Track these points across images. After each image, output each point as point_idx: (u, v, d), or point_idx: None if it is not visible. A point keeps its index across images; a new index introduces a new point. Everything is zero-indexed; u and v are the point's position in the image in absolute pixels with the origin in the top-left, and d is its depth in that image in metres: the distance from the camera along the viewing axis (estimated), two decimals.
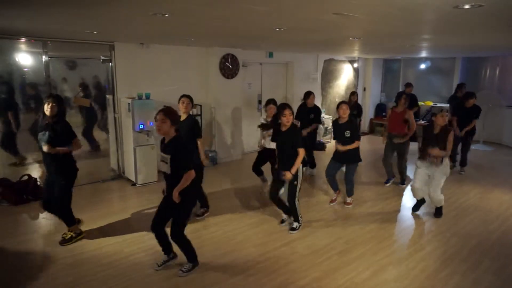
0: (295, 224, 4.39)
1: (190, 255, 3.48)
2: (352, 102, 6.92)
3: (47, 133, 3.65)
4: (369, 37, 5.13)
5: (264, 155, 5.38)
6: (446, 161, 4.53)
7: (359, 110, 7.00)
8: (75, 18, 3.59)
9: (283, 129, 4.12)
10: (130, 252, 3.87)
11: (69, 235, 4.03)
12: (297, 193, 4.26)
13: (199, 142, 4.38)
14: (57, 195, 3.84)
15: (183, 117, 4.36)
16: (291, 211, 4.38)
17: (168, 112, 3.16)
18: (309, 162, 6.40)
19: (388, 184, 6.10)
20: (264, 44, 6.55)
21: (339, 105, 4.88)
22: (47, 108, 3.62)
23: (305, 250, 3.96)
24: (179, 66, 6.84)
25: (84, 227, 4.37)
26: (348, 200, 5.19)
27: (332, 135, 5.19)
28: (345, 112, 4.78)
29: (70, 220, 4.04)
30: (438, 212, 4.82)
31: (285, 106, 4.12)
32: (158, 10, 3.09)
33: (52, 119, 3.68)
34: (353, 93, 7.09)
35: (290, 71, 9.03)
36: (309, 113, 6.16)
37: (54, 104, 3.63)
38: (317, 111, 6.29)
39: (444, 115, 4.41)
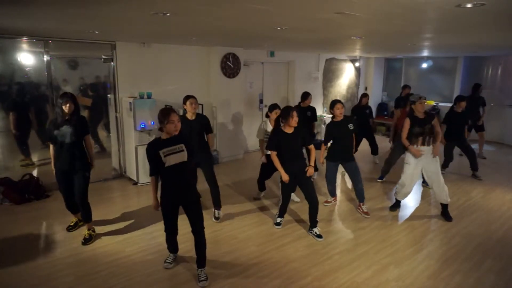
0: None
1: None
2: (363, 104, 7.13)
3: (69, 127, 3.88)
4: (371, 36, 5.11)
5: (269, 165, 5.03)
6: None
7: (370, 112, 7.32)
8: (76, 18, 3.60)
9: (290, 131, 4.08)
10: (131, 251, 3.88)
11: (89, 234, 4.13)
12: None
13: (211, 137, 4.65)
14: (82, 188, 4.02)
15: (191, 116, 4.49)
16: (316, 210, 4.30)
17: (178, 114, 3.29)
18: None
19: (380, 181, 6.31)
20: (265, 44, 6.54)
21: (334, 104, 4.71)
22: (65, 108, 3.84)
23: (306, 250, 3.96)
24: (180, 65, 6.85)
25: (83, 227, 4.39)
26: (365, 208, 4.90)
27: (324, 138, 4.92)
28: (342, 112, 4.71)
29: (91, 215, 4.17)
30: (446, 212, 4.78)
31: (292, 108, 4.11)
32: (159, 10, 3.09)
33: (71, 116, 3.91)
34: (365, 95, 7.21)
35: (291, 70, 9.03)
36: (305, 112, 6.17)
37: (70, 102, 3.85)
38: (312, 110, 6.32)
39: (423, 102, 4.64)
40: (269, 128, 5.00)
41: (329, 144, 4.94)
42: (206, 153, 4.57)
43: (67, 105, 3.81)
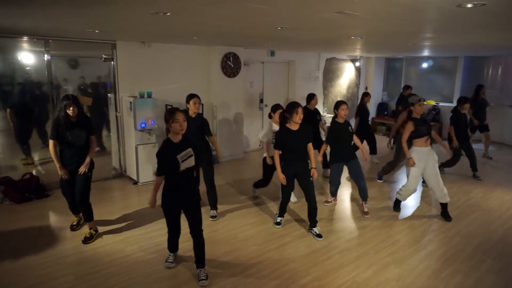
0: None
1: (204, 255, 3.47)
2: (365, 103, 7.12)
3: (82, 131, 3.94)
4: (372, 36, 5.11)
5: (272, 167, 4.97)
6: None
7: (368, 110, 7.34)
8: (76, 17, 3.60)
9: (295, 128, 4.10)
10: (132, 251, 3.88)
11: (90, 233, 4.13)
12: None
13: (212, 139, 4.69)
14: (84, 188, 4.04)
15: (192, 115, 4.50)
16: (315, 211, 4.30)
17: (185, 112, 3.26)
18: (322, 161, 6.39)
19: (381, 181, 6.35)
20: (266, 43, 6.54)
21: (340, 104, 4.73)
22: (69, 111, 3.85)
23: (306, 249, 3.96)
24: (180, 65, 6.85)
25: (85, 226, 4.40)
26: (366, 208, 4.94)
27: (327, 137, 4.93)
28: (346, 113, 4.73)
29: (92, 214, 4.18)
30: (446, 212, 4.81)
31: (297, 103, 4.11)
32: (159, 9, 3.09)
33: (77, 118, 3.94)
34: (367, 94, 7.21)
35: (292, 70, 9.02)
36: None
37: (74, 106, 3.86)
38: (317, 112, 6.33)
39: (422, 104, 4.65)
40: (276, 128, 4.99)
41: (328, 147, 4.95)
42: (207, 153, 4.58)
43: (71, 108, 3.83)
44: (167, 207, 3.32)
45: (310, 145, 4.23)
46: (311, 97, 6.15)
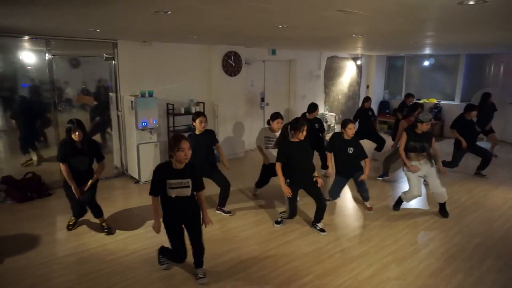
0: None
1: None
2: (365, 107, 7.16)
3: (85, 157, 4.05)
4: (373, 34, 5.10)
5: (269, 168, 5.11)
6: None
7: (373, 114, 7.36)
8: (77, 16, 3.60)
9: (297, 141, 4.11)
10: (133, 250, 3.89)
11: (107, 224, 4.31)
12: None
13: (219, 147, 4.91)
14: (93, 195, 4.20)
15: (198, 132, 4.65)
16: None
17: (189, 140, 3.16)
18: (322, 163, 6.43)
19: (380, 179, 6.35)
20: (267, 42, 6.54)
21: (346, 123, 4.70)
22: (74, 136, 3.91)
23: (308, 248, 3.96)
24: (182, 64, 6.85)
25: (87, 224, 4.42)
26: (368, 204, 5.04)
27: (328, 147, 4.94)
28: (353, 132, 4.71)
29: (102, 211, 4.34)
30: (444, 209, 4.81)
31: (303, 122, 4.12)
32: (160, 8, 3.09)
33: (81, 144, 4.01)
34: (368, 99, 7.21)
35: (293, 68, 9.01)
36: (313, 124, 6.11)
37: (79, 130, 3.92)
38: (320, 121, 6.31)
39: (429, 124, 4.58)
40: (270, 135, 5.03)
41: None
42: (214, 165, 4.79)
43: (76, 133, 3.88)
44: (169, 224, 3.23)
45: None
46: (314, 107, 6.11)
